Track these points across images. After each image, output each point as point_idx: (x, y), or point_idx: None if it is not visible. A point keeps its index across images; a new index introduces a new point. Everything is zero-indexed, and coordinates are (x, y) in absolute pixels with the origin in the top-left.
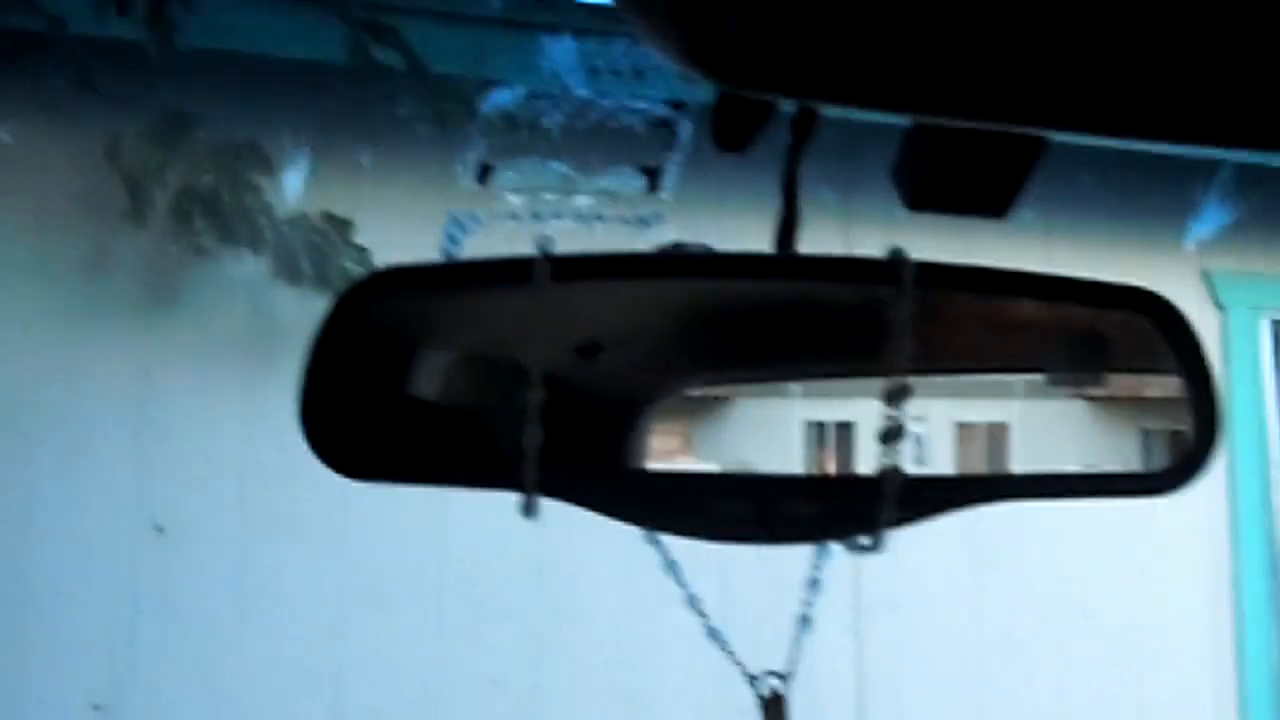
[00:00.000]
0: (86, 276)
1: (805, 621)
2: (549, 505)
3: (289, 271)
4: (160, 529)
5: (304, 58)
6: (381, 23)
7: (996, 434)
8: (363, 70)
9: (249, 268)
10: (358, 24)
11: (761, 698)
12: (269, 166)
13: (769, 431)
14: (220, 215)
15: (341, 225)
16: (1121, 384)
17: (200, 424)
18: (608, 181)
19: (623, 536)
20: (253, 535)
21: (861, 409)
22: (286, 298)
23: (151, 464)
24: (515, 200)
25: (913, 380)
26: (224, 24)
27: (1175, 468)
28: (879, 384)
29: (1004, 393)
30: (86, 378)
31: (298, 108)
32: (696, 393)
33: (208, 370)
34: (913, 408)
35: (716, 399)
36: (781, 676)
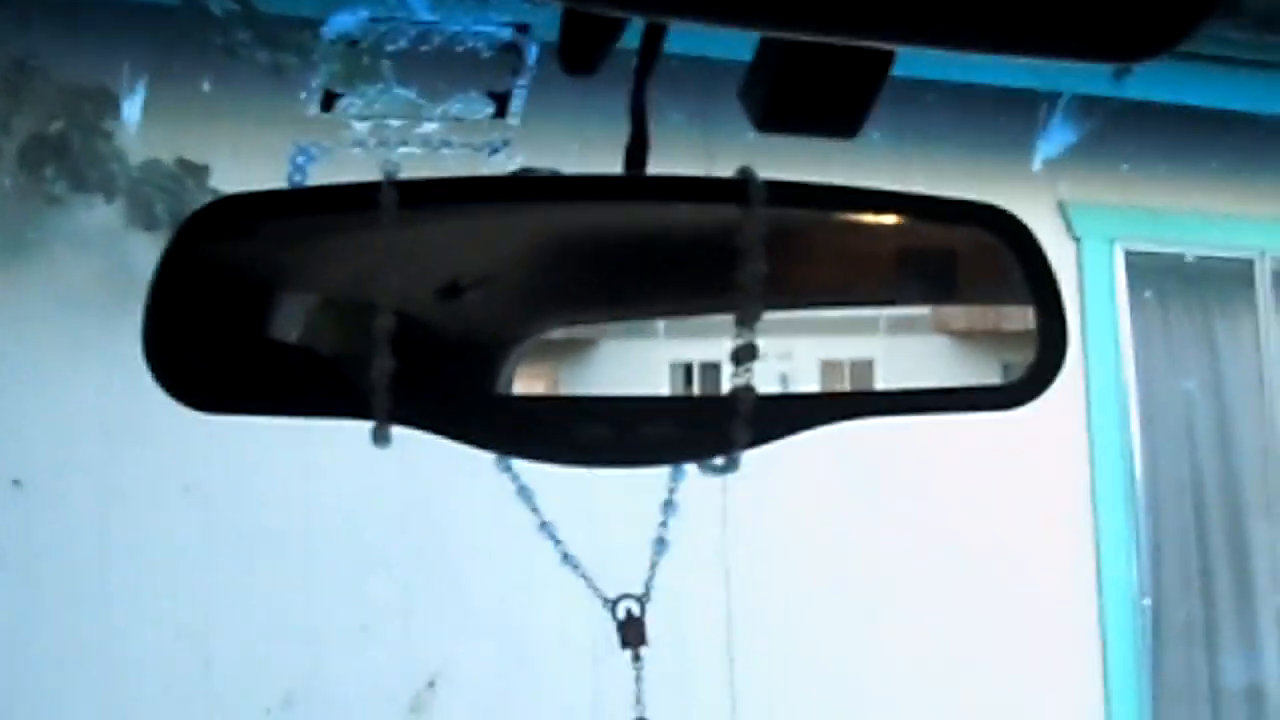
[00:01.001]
0: None
1: (662, 544)
2: (416, 450)
3: (144, 218)
4: (18, 483)
5: (147, 1)
6: None
7: (860, 370)
8: (198, 15)
9: (102, 215)
10: None
11: (618, 620)
12: (118, 112)
13: (635, 373)
14: (71, 162)
15: (195, 170)
16: (981, 318)
17: (56, 375)
18: (455, 107)
19: (490, 476)
20: (114, 488)
21: (728, 347)
22: (141, 245)
23: (7, 417)
24: (361, 128)
25: (774, 317)
26: None
27: (1025, 382)
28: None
29: (867, 329)
30: None
31: (141, 52)
32: (560, 335)
33: (63, 321)
34: (777, 345)
35: (582, 342)
36: (638, 599)
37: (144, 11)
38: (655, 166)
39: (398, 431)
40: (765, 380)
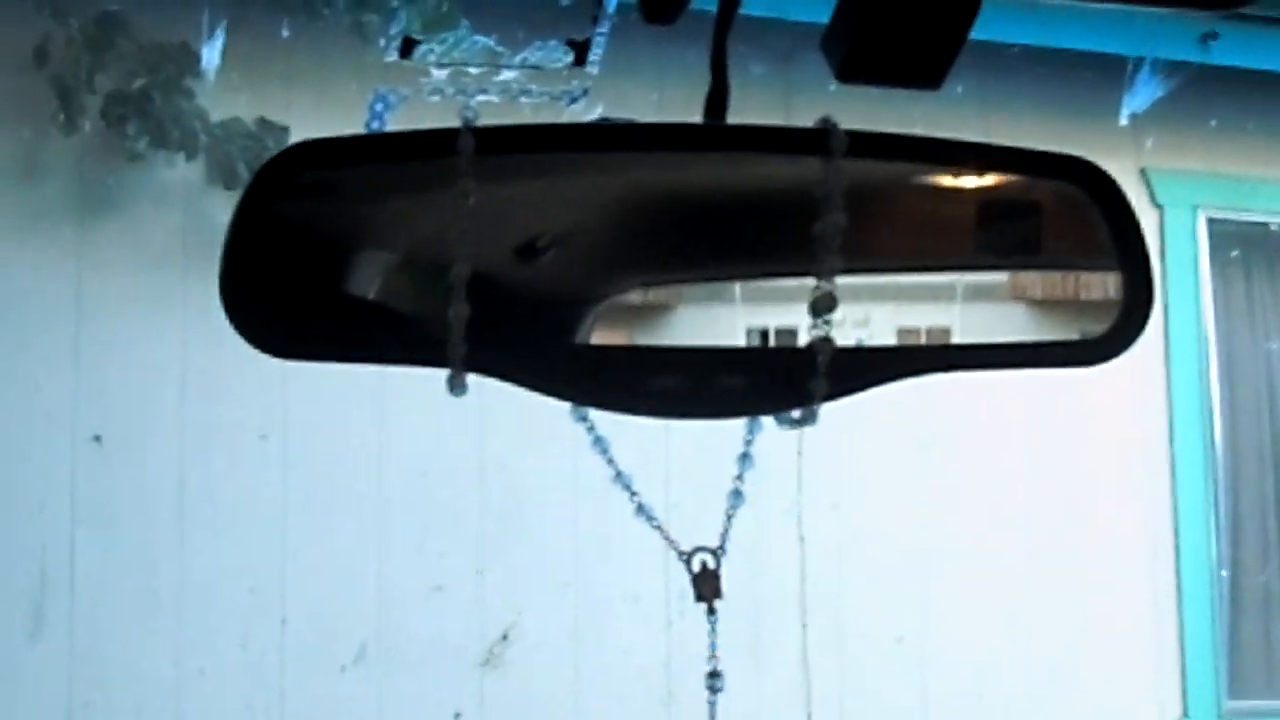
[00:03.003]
0: (17, 184)
1: (738, 496)
2: (490, 404)
3: (223, 176)
4: (98, 438)
5: None
6: None
7: (937, 338)
8: None
9: (183, 173)
10: None
11: (692, 571)
12: (199, 69)
13: (712, 338)
14: (152, 119)
15: (274, 129)
16: (1060, 286)
17: (137, 332)
18: (533, 55)
19: (565, 435)
20: (192, 444)
21: (805, 313)
22: (221, 202)
23: (88, 373)
24: (440, 75)
25: (851, 282)
26: None
27: (1108, 337)
28: None
29: (944, 297)
30: (20, 287)
31: (223, 8)
32: (636, 298)
33: (143, 278)
34: (854, 312)
35: (658, 306)
36: (712, 551)
37: None
38: (735, 118)
39: (473, 383)
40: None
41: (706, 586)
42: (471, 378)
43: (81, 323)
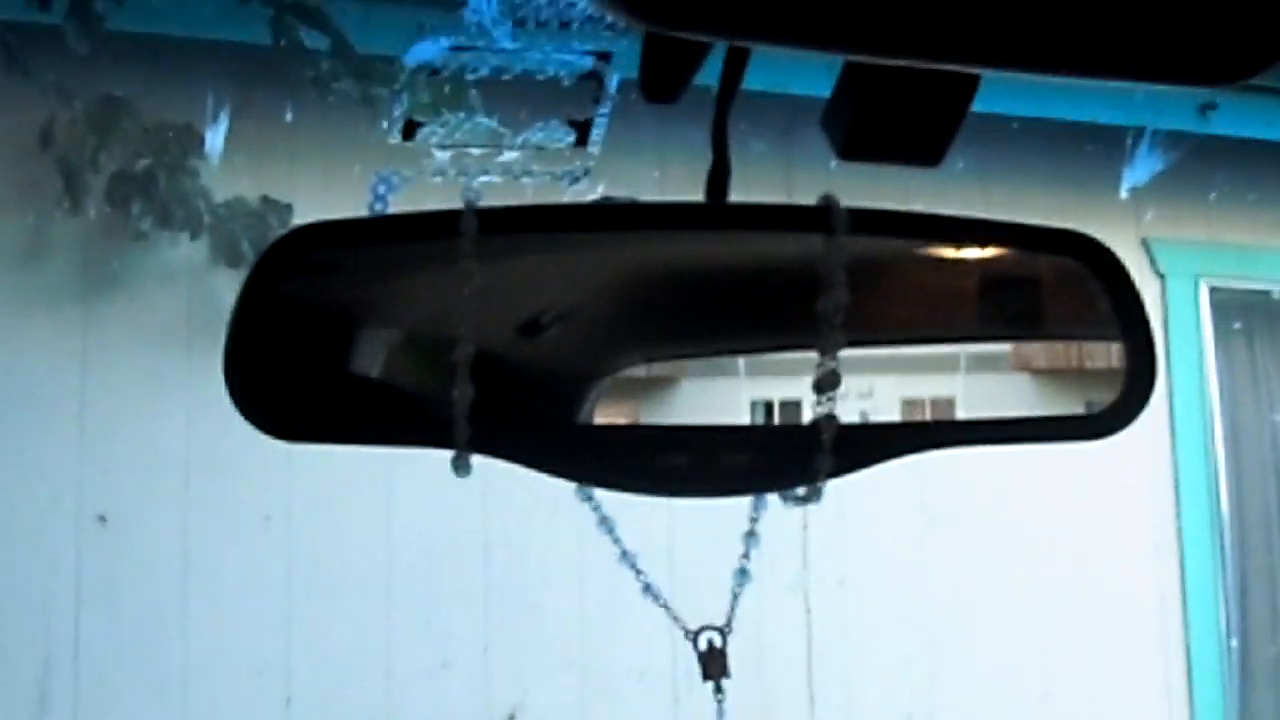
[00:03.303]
0: (23, 265)
1: (744, 574)
2: (495, 485)
3: (228, 255)
4: (103, 518)
5: (233, 40)
6: (305, 3)
7: (941, 409)
8: (289, 51)
9: (187, 252)
10: (282, 5)
11: (699, 650)
12: (203, 149)
13: (717, 412)
14: (157, 199)
15: (279, 208)
16: (1063, 356)
17: (142, 411)
18: (536, 136)
19: (569, 513)
20: (197, 524)
21: (808, 386)
22: (225, 281)
23: (93, 452)
24: (442, 157)
25: (855, 354)
26: (152, 7)
27: (1112, 412)
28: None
29: (948, 367)
30: (25, 367)
31: (225, 89)
32: (640, 372)
33: (148, 357)
34: (857, 384)
35: (662, 379)
36: (720, 630)
37: (227, 49)
38: (736, 197)
39: (477, 463)
40: (846, 418)
41: (713, 665)
42: (476, 457)
43: (86, 402)
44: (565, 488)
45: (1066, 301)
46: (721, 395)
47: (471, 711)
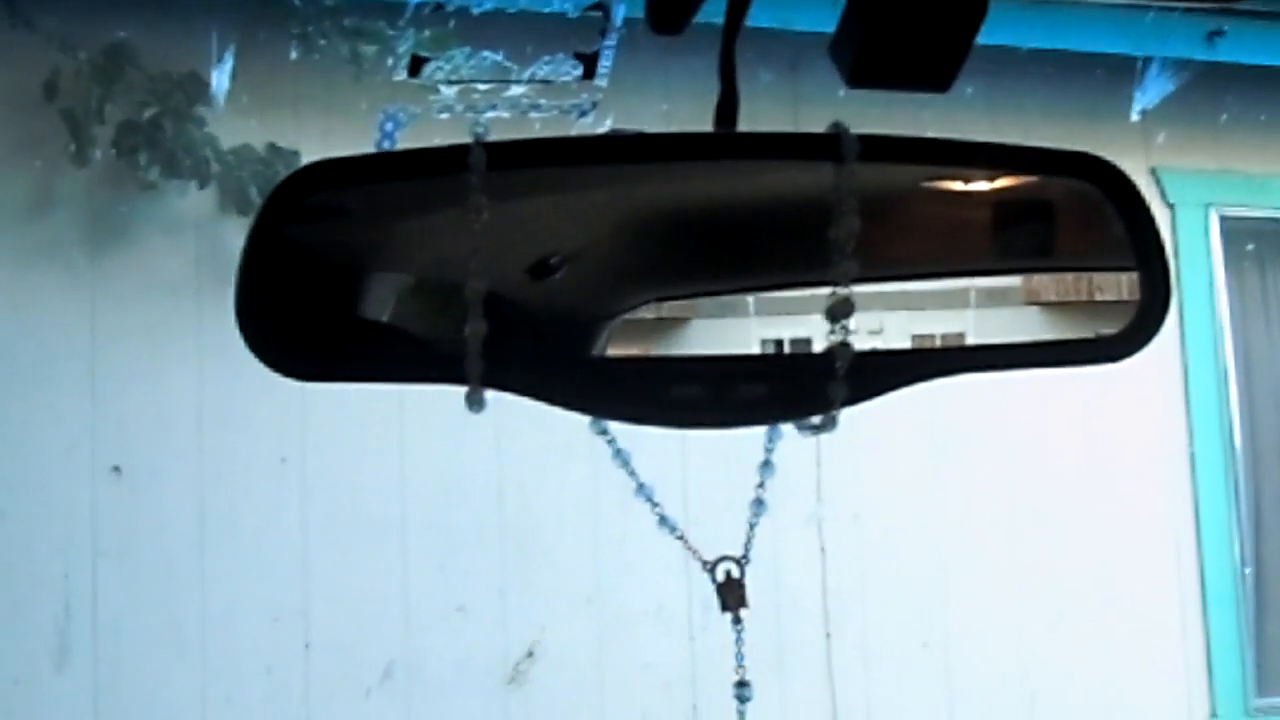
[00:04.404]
0: (31, 217)
1: (760, 504)
2: (507, 426)
3: (236, 203)
4: (117, 469)
5: None
6: None
7: (952, 344)
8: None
9: (195, 201)
10: None
11: (716, 581)
12: (209, 97)
13: (728, 350)
14: (163, 148)
15: (285, 154)
16: (1074, 287)
17: (154, 361)
18: (542, 69)
19: (583, 453)
20: (211, 473)
21: (818, 324)
22: (234, 229)
23: (106, 404)
24: (449, 92)
25: (865, 290)
26: None
27: (1127, 334)
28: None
29: (958, 303)
30: (36, 320)
31: (230, 36)
32: (651, 312)
33: (158, 306)
34: (867, 320)
35: (673, 319)
36: (737, 560)
37: None
38: (745, 127)
39: (489, 400)
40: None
41: (731, 596)
42: (490, 394)
43: (97, 353)
44: (578, 428)
45: (1078, 228)
46: (731, 334)
47: (489, 653)
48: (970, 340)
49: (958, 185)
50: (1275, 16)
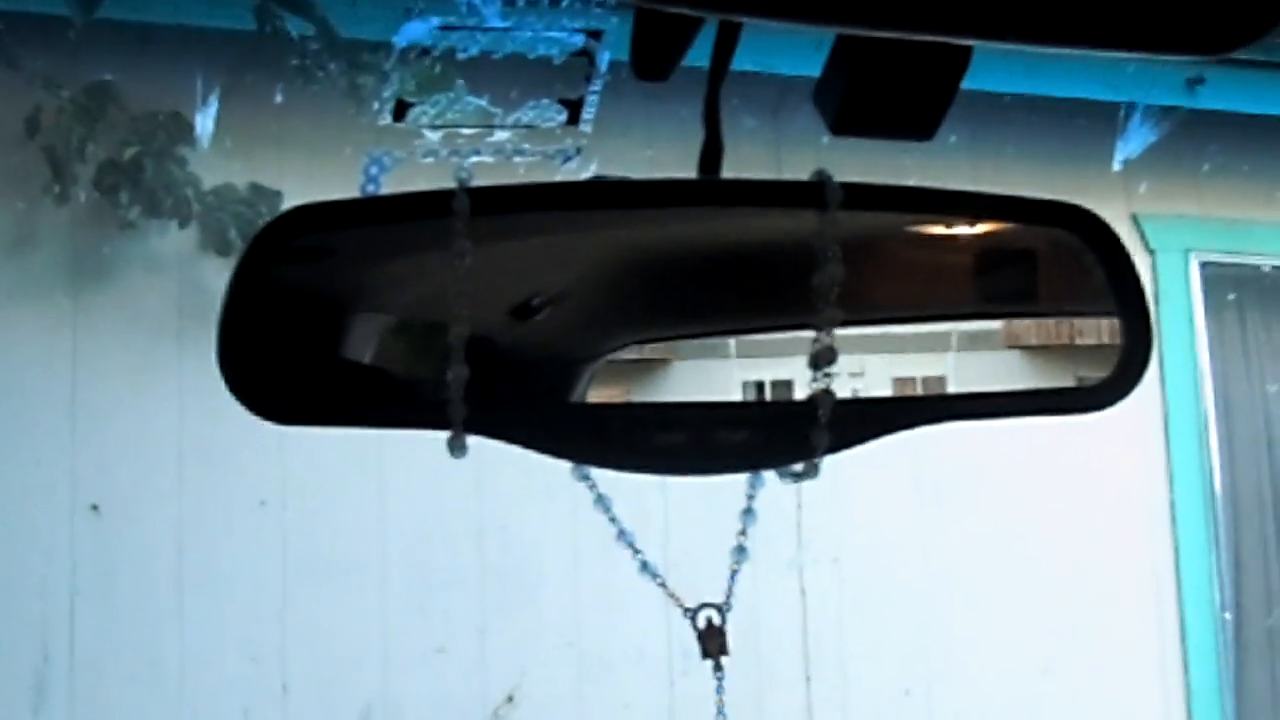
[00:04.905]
0: (11, 254)
1: (741, 551)
2: (488, 468)
3: (217, 243)
4: (96, 508)
5: (220, 27)
6: None
7: (933, 387)
8: (275, 39)
9: (176, 240)
10: None
11: (698, 628)
12: (191, 137)
13: (709, 392)
14: (145, 188)
15: (268, 195)
16: (1055, 332)
17: (133, 400)
18: (527, 115)
19: (563, 495)
20: (190, 512)
21: (799, 366)
22: (215, 269)
23: (85, 442)
24: (433, 137)
25: (847, 334)
26: None
27: (1108, 384)
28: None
29: (939, 346)
30: (15, 357)
31: (213, 76)
32: (633, 354)
33: (139, 345)
34: (849, 363)
35: (655, 361)
36: (718, 608)
37: (214, 36)
38: (728, 172)
39: (471, 443)
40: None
41: (712, 643)
42: (472, 439)
43: (77, 391)
44: (558, 470)
45: (1060, 276)
46: (713, 376)
47: (468, 696)
48: (952, 385)
49: (941, 230)
50: (1255, 65)
